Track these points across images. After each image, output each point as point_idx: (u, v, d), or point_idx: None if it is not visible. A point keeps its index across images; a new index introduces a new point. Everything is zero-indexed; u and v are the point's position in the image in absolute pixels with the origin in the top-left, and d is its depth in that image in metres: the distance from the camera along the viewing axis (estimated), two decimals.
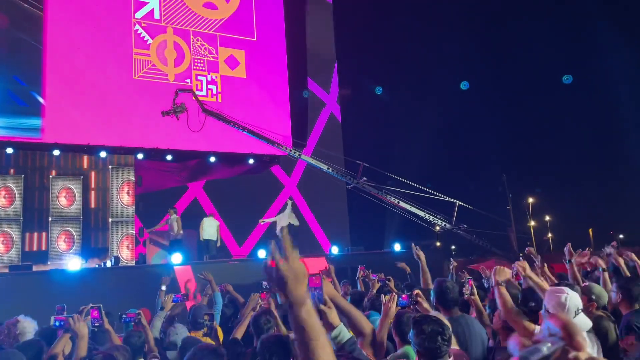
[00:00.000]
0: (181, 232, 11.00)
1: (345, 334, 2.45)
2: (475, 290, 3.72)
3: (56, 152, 11.47)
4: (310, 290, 2.63)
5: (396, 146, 14.53)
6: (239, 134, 12.95)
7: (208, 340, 4.09)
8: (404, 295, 3.36)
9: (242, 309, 4.86)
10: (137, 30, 12.33)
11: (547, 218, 25.37)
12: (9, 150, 11.03)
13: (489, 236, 12.43)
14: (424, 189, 11.84)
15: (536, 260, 5.32)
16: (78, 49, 11.49)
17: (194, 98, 11.84)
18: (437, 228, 17.32)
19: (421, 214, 11.95)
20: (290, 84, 14.34)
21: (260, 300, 4.31)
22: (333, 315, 2.48)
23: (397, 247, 11.58)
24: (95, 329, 3.65)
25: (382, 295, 3.32)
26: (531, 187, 20.09)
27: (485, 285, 5.34)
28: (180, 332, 3.93)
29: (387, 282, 5.19)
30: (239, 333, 3.98)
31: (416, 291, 3.45)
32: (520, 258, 11.26)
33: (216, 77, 13.20)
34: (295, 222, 12.40)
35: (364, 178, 12.04)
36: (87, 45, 11.59)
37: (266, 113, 13.54)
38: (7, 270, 9.33)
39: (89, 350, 3.33)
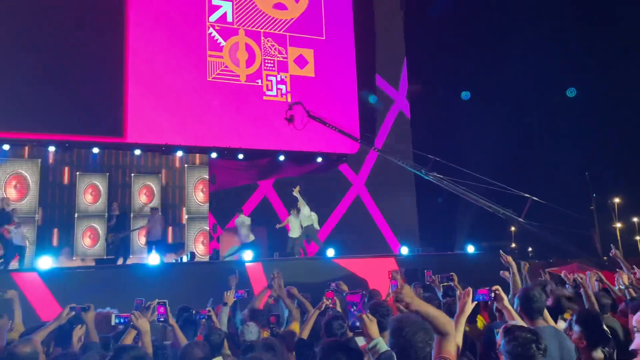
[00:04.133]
0: (251, 237, 11.22)
1: (382, 346, 2.44)
2: None
3: (137, 152, 12.13)
4: (351, 306, 2.58)
5: (467, 143, 14.00)
6: (307, 133, 13.05)
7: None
8: (481, 289, 3.14)
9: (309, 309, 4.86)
10: (210, 33, 12.76)
11: (636, 219, 23.49)
12: (95, 150, 11.80)
13: (569, 237, 11.67)
14: (499, 184, 11.29)
15: (622, 263, 4.89)
16: (157, 53, 12.06)
17: (302, 107, 12.34)
18: (513, 228, 16.55)
19: (497, 209, 11.39)
20: (358, 81, 14.25)
21: (325, 300, 4.27)
22: (374, 329, 2.48)
23: (471, 248, 11.15)
24: (160, 324, 3.76)
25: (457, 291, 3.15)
26: (617, 186, 18.65)
27: (569, 291, 5.00)
28: (254, 330, 3.98)
29: (449, 280, 4.95)
30: (305, 333, 3.97)
31: (495, 286, 3.24)
32: (606, 262, 10.49)
33: (285, 77, 13.39)
34: (316, 225, 11.89)
35: (434, 173, 11.70)
36: (164, 49, 12.15)
37: (334, 111, 13.53)
38: (93, 264, 10.02)
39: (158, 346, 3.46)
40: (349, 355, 2.59)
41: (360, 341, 2.81)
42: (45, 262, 8.17)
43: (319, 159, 13.85)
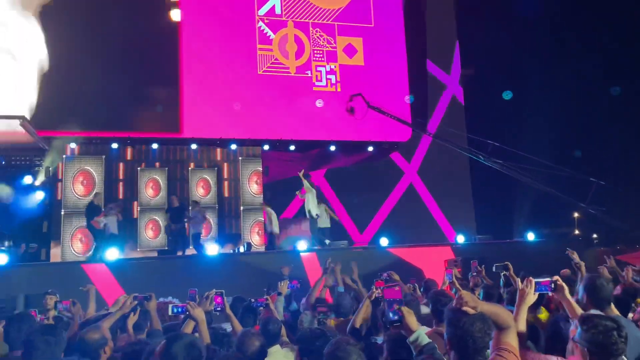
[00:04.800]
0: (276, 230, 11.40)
1: (424, 338, 2.40)
2: None
3: (193, 146, 12.52)
4: (387, 302, 2.54)
5: (526, 127, 13.44)
6: (358, 123, 13.00)
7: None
8: (544, 280, 3.02)
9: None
10: (260, 27, 12.91)
11: None
12: (154, 146, 12.29)
13: (638, 222, 11.01)
14: (562, 168, 10.77)
15: None
16: (209, 49, 12.36)
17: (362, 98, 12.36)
18: (576, 214, 15.79)
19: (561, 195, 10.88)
20: (409, 67, 14.00)
21: (375, 289, 4.26)
22: (412, 321, 2.45)
23: (531, 236, 10.72)
24: (217, 314, 3.86)
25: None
26: None
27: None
28: (310, 319, 4.02)
29: (503, 271, 4.79)
30: (357, 322, 3.98)
31: (556, 277, 3.11)
32: None
33: (335, 67, 13.35)
34: (315, 211, 11.60)
35: (493, 158, 11.34)
36: (216, 45, 12.42)
37: (385, 99, 13.37)
38: (156, 255, 10.49)
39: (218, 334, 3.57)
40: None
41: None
42: (112, 254, 8.62)
43: (370, 148, 13.76)
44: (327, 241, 11.19)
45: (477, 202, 14.23)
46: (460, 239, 10.96)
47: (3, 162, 11.10)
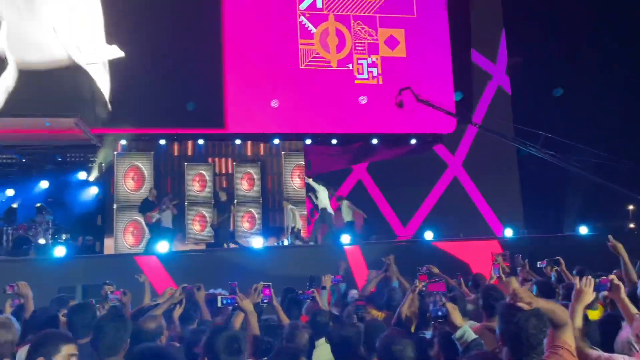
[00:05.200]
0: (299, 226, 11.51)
1: (470, 334, 2.37)
2: None
3: (237, 141, 12.76)
4: (432, 295, 2.51)
5: (577, 117, 12.91)
6: (400, 115, 12.86)
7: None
8: (604, 278, 2.92)
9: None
10: (301, 21, 12.96)
11: None
12: (201, 142, 12.60)
13: None
14: (617, 159, 10.30)
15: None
16: (251, 45, 12.51)
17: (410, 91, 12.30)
18: (631, 207, 15.12)
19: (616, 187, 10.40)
20: (453, 57, 13.70)
21: (418, 283, 4.24)
22: (457, 316, 2.41)
23: (583, 229, 10.31)
24: (264, 305, 3.94)
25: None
26: None
27: None
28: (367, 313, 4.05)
29: (555, 266, 4.63)
30: (402, 315, 3.97)
31: (612, 276, 3.00)
32: None
33: (376, 59, 13.24)
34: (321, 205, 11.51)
35: (545, 149, 10.97)
36: (258, 40, 12.56)
37: (428, 90, 13.16)
38: (204, 247, 10.79)
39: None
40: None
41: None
42: (163, 247, 8.93)
43: (413, 141, 13.58)
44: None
45: (525, 194, 13.81)
46: (508, 232, 10.68)
47: (60, 159, 11.66)
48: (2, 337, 2.62)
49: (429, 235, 10.18)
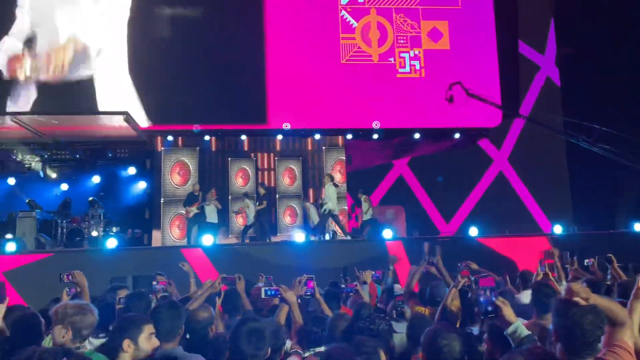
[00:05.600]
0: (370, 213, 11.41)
1: (523, 330, 2.32)
2: None
3: (279, 137, 12.89)
4: (482, 290, 2.44)
5: (632, 108, 12.29)
6: (443, 109, 12.63)
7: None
8: None
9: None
10: (343, 15, 12.92)
11: None
12: (243, 137, 12.81)
13: None
14: None
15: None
16: (293, 40, 12.59)
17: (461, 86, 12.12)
18: None
19: None
20: (499, 49, 13.32)
21: (460, 278, 4.17)
22: (508, 312, 2.36)
23: (638, 226, 9.83)
24: (307, 297, 3.98)
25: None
26: None
27: None
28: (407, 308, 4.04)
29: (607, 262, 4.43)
30: (447, 309, 3.92)
31: None
32: None
33: (419, 52, 13.04)
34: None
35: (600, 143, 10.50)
36: (300, 36, 12.62)
37: (473, 83, 12.83)
38: (247, 241, 10.98)
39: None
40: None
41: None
42: (208, 240, 9.15)
43: (457, 135, 13.31)
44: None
45: (575, 190, 13.30)
46: (558, 229, 10.31)
47: (110, 155, 12.12)
48: (84, 320, 2.77)
49: (473, 231, 9.96)
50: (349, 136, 13.06)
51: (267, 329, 2.61)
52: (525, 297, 4.44)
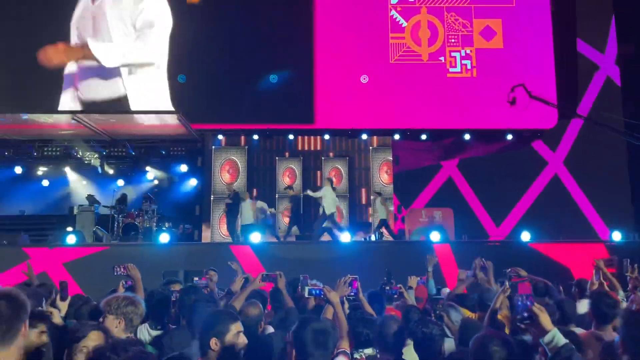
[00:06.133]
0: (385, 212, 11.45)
1: (560, 339, 2.23)
2: None
3: (326, 137, 12.94)
4: (520, 297, 2.34)
5: None
6: (495, 110, 12.29)
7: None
8: None
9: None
10: (392, 15, 12.81)
11: None
12: (291, 137, 12.94)
13: None
14: None
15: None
16: (342, 40, 12.59)
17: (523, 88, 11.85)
18: None
19: None
20: (555, 48, 12.81)
21: (508, 285, 4.03)
22: (545, 319, 2.26)
23: None
24: (352, 298, 3.95)
25: None
26: None
27: None
28: (457, 312, 3.96)
29: None
30: (496, 314, 3.81)
31: None
32: None
33: (470, 51, 12.74)
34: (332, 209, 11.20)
35: None
36: (349, 36, 12.60)
37: (528, 83, 12.39)
38: (294, 239, 11.10)
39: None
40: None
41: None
42: (256, 237, 9.31)
43: (510, 137, 12.91)
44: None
45: (636, 195, 12.60)
46: (617, 236, 9.82)
47: (163, 152, 12.54)
48: (135, 311, 2.92)
49: (525, 236, 9.63)
50: (397, 136, 12.93)
51: (330, 329, 2.60)
52: (582, 306, 4.27)
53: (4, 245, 8.94)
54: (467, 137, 12.83)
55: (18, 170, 12.39)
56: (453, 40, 12.75)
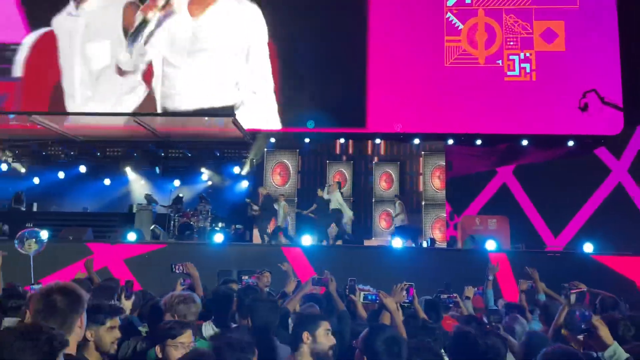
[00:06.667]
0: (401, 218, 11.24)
1: (622, 354, 2.17)
2: None
3: (377, 141, 12.86)
4: (578, 309, 2.22)
5: None
6: (555, 114, 11.82)
7: None
8: None
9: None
10: (448, 17, 12.58)
11: None
12: (342, 140, 12.95)
13: None
14: None
15: None
16: (395, 43, 12.48)
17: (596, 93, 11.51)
18: None
19: None
20: (621, 51, 12.18)
21: (572, 298, 3.85)
22: (605, 333, 2.20)
23: None
24: (406, 305, 3.88)
25: None
26: None
27: None
28: (521, 324, 3.84)
29: None
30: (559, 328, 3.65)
31: None
32: None
33: (530, 54, 12.31)
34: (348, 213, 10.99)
35: None
36: (403, 39, 12.48)
37: (592, 87, 11.87)
38: (340, 243, 11.07)
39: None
40: None
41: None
42: (307, 240, 9.37)
43: (570, 143, 12.36)
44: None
45: None
46: None
47: (218, 154, 12.86)
48: (187, 310, 3.00)
49: (587, 247, 9.18)
50: (450, 141, 12.68)
51: (403, 338, 2.57)
52: None
53: (69, 241, 9.41)
54: (524, 142, 12.40)
55: (82, 169, 13.04)
56: (512, 43, 12.37)
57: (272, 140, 12.95)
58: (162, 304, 3.22)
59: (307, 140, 12.90)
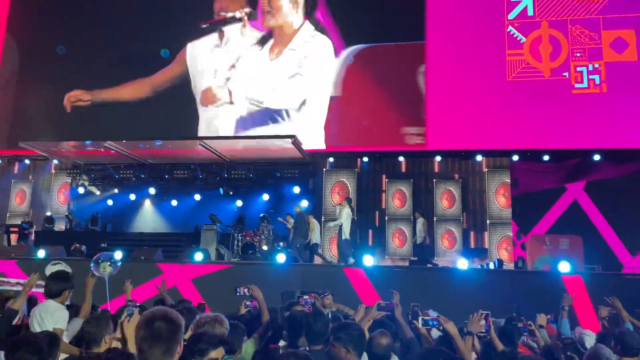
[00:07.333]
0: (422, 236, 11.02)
1: None
2: None
3: (437, 158, 12.64)
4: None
5: None
6: (628, 126, 11.16)
7: None
8: None
9: None
10: (509, 31, 12.27)
11: None
12: (400, 159, 12.83)
13: None
14: None
15: None
16: (455, 58, 12.31)
17: None
18: None
19: None
20: None
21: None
22: None
23: None
24: (482, 335, 3.73)
25: None
26: None
27: None
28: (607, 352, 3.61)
29: None
30: None
31: None
32: None
33: (599, 65, 11.74)
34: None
35: None
36: (462, 54, 12.29)
37: None
38: (406, 264, 10.91)
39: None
40: None
41: None
42: (369, 260, 9.30)
43: None
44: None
45: None
46: None
47: (278, 175, 13.09)
48: (212, 331, 3.01)
49: None
50: (515, 157, 12.24)
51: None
52: None
53: (141, 261, 9.85)
54: (596, 157, 11.77)
55: (152, 191, 13.67)
56: (579, 54, 11.85)
57: (331, 159, 13.07)
58: (192, 324, 3.27)
59: (365, 159, 12.90)
